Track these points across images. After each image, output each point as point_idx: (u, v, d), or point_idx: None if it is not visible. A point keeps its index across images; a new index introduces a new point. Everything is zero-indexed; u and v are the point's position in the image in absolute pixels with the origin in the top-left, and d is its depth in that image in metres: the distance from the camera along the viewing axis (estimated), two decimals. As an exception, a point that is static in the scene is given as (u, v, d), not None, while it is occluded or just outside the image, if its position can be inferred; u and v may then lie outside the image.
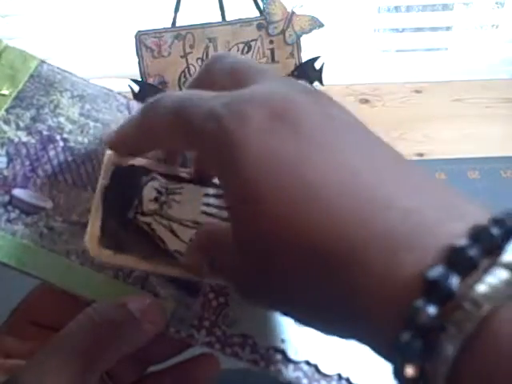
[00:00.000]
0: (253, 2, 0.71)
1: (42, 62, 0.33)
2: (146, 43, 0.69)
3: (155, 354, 0.30)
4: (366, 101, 0.80)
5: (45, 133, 0.31)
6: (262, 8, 0.71)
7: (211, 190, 0.31)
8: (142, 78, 0.70)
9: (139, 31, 0.69)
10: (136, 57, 0.69)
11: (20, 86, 0.32)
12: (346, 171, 0.19)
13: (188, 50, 0.70)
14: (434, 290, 0.16)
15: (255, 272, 0.20)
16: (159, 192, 0.30)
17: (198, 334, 0.28)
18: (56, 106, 0.32)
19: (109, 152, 0.30)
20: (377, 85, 0.85)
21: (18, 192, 0.30)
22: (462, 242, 0.16)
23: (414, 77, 0.89)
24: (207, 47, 0.71)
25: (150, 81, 0.70)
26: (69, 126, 0.31)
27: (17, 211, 0.29)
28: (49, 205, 0.30)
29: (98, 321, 0.24)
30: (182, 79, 0.72)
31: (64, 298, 0.28)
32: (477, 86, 0.83)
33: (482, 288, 0.16)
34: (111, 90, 0.33)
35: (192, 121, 0.22)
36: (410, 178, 0.20)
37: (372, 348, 0.18)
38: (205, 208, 0.30)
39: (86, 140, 0.31)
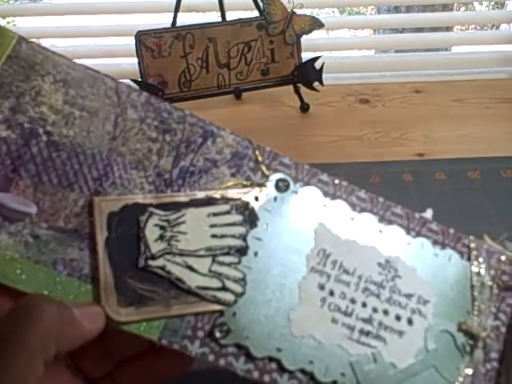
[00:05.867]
0: (252, 2, 0.71)
1: (21, 38, 0.29)
2: (146, 43, 0.69)
3: (125, 347, 0.30)
4: (366, 101, 0.80)
5: (26, 125, 0.28)
6: (262, 8, 0.71)
7: (215, 208, 0.30)
8: (141, 78, 0.70)
9: (139, 31, 0.68)
10: (136, 57, 0.69)
11: None
12: None
13: (188, 50, 0.70)
14: None
15: None
16: (162, 228, 0.28)
17: (192, 346, 0.28)
18: (37, 94, 0.28)
19: (97, 199, 0.28)
20: (377, 85, 0.85)
21: None
22: None
23: (414, 77, 0.89)
24: (207, 47, 0.71)
25: (150, 81, 0.70)
26: (52, 117, 0.28)
27: None
28: (33, 210, 0.27)
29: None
30: (182, 79, 0.72)
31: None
32: (477, 86, 0.83)
33: None
34: (98, 72, 0.30)
35: None
36: None
37: None
38: (214, 230, 0.29)
39: (71, 132, 0.29)
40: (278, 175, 0.31)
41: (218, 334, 0.28)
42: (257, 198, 0.30)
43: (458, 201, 0.59)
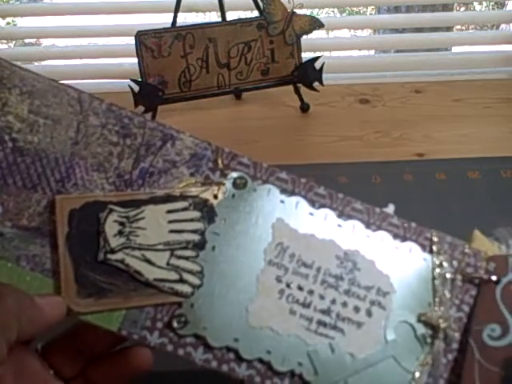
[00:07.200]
0: (252, 2, 0.71)
1: None
2: (146, 43, 0.69)
3: (96, 346, 0.31)
4: (366, 101, 0.80)
5: None
6: (262, 8, 0.71)
7: (173, 205, 0.31)
8: (141, 77, 0.70)
9: (139, 31, 0.69)
10: (136, 57, 0.69)
11: None
12: None
13: (188, 50, 0.70)
14: None
15: None
16: (121, 223, 0.30)
17: (151, 336, 0.29)
18: (4, 104, 0.31)
19: (58, 197, 0.30)
20: (377, 85, 0.85)
21: None
22: None
23: (414, 77, 0.89)
24: (207, 47, 0.71)
25: (150, 81, 0.70)
26: (18, 125, 0.31)
27: None
28: None
29: None
30: (182, 79, 0.72)
31: None
32: (477, 86, 0.83)
33: None
34: (61, 84, 0.32)
35: None
36: None
37: None
38: (172, 226, 0.31)
39: (35, 139, 0.31)
40: (236, 174, 0.32)
41: (176, 325, 0.29)
42: (215, 196, 0.32)
43: (457, 201, 0.59)
